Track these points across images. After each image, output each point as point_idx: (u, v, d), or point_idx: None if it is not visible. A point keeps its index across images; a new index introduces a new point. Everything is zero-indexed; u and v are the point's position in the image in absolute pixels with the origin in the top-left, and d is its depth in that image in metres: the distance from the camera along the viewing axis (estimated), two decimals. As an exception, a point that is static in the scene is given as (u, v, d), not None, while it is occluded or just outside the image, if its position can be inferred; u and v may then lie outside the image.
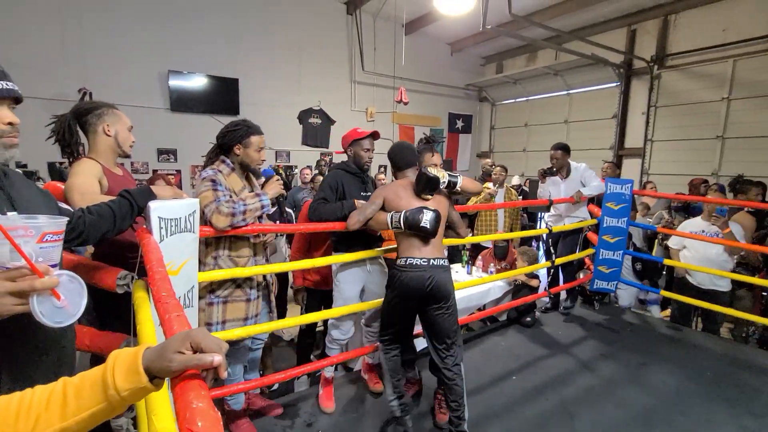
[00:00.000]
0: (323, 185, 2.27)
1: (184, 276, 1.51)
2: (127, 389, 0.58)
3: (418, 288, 1.90)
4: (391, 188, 2.11)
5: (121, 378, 0.58)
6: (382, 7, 7.22)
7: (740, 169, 5.58)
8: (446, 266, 2.00)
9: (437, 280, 1.92)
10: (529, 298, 3.49)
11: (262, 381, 2.08)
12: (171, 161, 6.18)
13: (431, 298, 1.94)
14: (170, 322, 0.79)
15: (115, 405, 0.58)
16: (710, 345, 3.07)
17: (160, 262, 1.16)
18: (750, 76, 5.68)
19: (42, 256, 0.74)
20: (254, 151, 1.92)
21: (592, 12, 6.82)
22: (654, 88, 6.73)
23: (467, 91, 9.67)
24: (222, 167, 1.90)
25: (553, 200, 3.44)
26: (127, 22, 5.59)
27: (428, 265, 1.93)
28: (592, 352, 2.95)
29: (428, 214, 1.91)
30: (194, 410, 0.52)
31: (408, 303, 1.97)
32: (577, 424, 2.14)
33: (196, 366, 0.59)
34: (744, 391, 2.43)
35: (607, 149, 7.38)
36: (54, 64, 5.18)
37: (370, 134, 2.29)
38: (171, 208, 1.42)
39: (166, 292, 0.94)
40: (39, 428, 0.56)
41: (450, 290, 1.98)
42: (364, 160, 2.29)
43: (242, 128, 1.91)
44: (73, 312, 0.74)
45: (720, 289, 3.14)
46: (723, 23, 5.87)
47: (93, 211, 1.22)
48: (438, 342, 1.97)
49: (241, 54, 6.51)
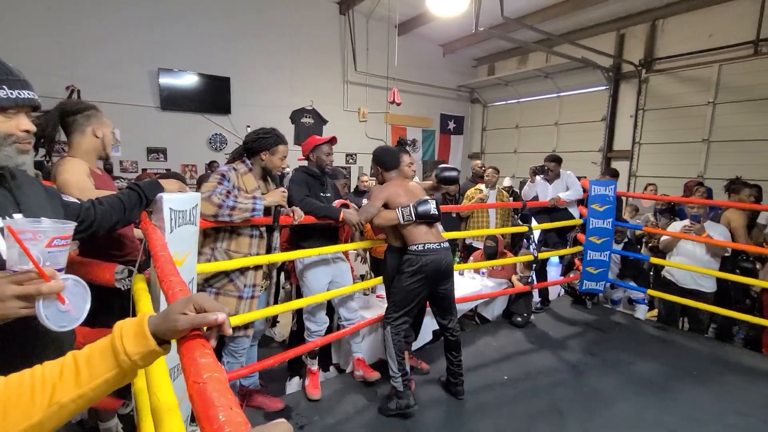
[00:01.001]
0: (297, 184, 2.37)
1: (186, 267, 1.53)
2: (138, 353, 0.60)
3: (437, 269, 2.23)
4: (390, 188, 2.37)
5: (131, 343, 0.60)
6: (375, 8, 7.23)
7: (725, 172, 5.70)
8: (449, 248, 2.35)
9: (449, 261, 2.29)
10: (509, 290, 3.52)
11: (252, 368, 2.10)
12: (161, 160, 6.10)
13: (445, 276, 2.29)
14: (175, 297, 0.81)
15: (127, 370, 0.60)
16: (696, 345, 3.13)
17: (164, 248, 1.19)
18: (735, 81, 5.81)
19: (49, 260, 0.75)
20: (279, 159, 2.09)
21: (582, 16, 6.91)
22: (642, 91, 6.84)
23: (459, 93, 9.72)
24: (240, 166, 2.04)
25: (526, 203, 3.72)
26: (117, 18, 5.51)
27: (440, 248, 2.26)
28: (582, 352, 2.99)
29: (432, 204, 2.26)
30: (200, 365, 0.54)
31: (428, 283, 2.25)
32: (566, 422, 2.17)
33: (201, 324, 0.62)
34: (729, 391, 2.48)
35: (596, 151, 7.48)
36: (41, 60, 5.07)
37: (329, 140, 2.45)
38: (180, 201, 1.45)
39: (170, 272, 0.97)
40: (57, 397, 0.57)
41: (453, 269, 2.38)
42: (326, 162, 2.44)
43: (272, 137, 2.05)
44: (76, 316, 0.75)
45: (703, 290, 3.19)
46: (709, 29, 5.99)
47: (104, 202, 1.24)
48: (446, 313, 2.38)
49: (232, 52, 6.46)
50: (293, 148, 7.23)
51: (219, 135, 6.55)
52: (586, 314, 3.74)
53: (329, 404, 2.33)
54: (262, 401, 2.27)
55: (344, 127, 7.53)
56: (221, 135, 6.57)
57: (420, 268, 2.21)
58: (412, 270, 2.22)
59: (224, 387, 0.52)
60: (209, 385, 0.51)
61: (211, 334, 0.64)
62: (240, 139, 6.68)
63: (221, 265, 1.92)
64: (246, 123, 6.66)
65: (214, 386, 0.51)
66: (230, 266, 1.94)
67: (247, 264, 2.00)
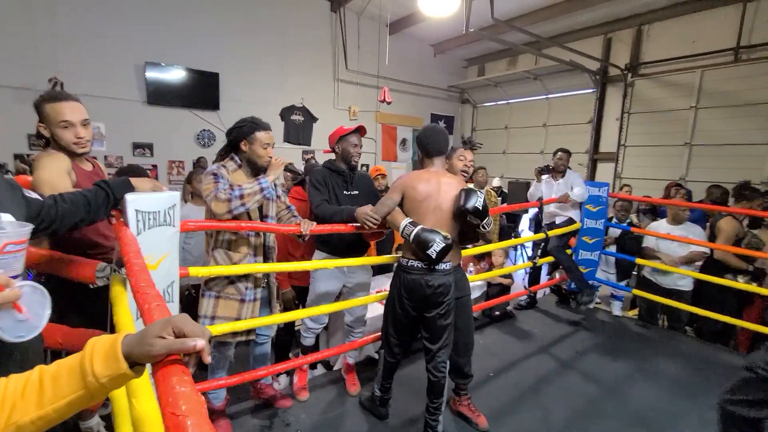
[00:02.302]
0: (313, 185, 2.25)
1: (162, 271, 1.48)
2: (106, 376, 0.56)
3: (419, 294, 1.90)
4: (410, 180, 1.96)
5: (100, 364, 0.57)
6: (366, 6, 7.22)
7: (706, 175, 5.87)
8: (449, 271, 1.93)
9: (438, 285, 1.88)
10: (509, 297, 3.58)
11: (242, 377, 2.06)
12: (147, 156, 5.99)
13: (431, 304, 1.91)
14: (150, 312, 0.77)
15: (94, 392, 0.57)
16: (675, 342, 3.23)
17: (138, 255, 1.13)
18: (716, 87, 5.97)
19: (2, 267, 0.70)
20: (260, 147, 1.92)
21: (571, 19, 7.01)
22: (628, 95, 6.98)
23: (450, 93, 9.78)
24: (229, 164, 1.93)
25: (543, 200, 3.58)
26: (102, 9, 5.39)
27: (428, 268, 1.88)
28: (567, 350, 3.05)
29: (439, 244, 1.78)
30: (177, 394, 0.51)
31: (410, 306, 1.93)
32: (552, 419, 2.21)
33: (178, 350, 0.58)
34: (706, 387, 2.56)
35: (583, 153, 7.61)
36: (22, 51, 4.94)
37: (356, 129, 2.28)
38: (149, 201, 1.38)
39: (145, 282, 0.92)
40: (15, 416, 0.54)
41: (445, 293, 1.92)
42: (352, 155, 2.26)
43: (247, 124, 1.92)
44: (36, 324, 0.71)
45: (682, 288, 3.32)
46: (692, 35, 6.14)
47: (66, 200, 1.16)
48: (433, 341, 1.96)
49: (222, 47, 6.38)
50: (284, 146, 7.22)
51: (207, 131, 6.47)
52: (571, 313, 3.81)
53: (316, 402, 2.33)
54: (272, 396, 2.27)
55: (334, 125, 7.47)
56: (210, 131, 6.49)
57: (400, 287, 1.94)
58: (394, 286, 1.98)
59: (205, 422, 0.49)
60: (190, 419, 0.48)
61: (189, 361, 0.59)
62: (228, 135, 6.61)
63: (215, 270, 1.85)
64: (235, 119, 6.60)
65: (194, 420, 0.48)
66: (228, 271, 1.87)
67: (250, 271, 1.93)
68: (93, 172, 1.72)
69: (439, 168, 2.02)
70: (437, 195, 1.93)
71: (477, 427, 2.12)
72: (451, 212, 1.92)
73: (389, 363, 2.10)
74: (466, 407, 2.19)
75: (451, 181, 1.98)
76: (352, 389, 2.41)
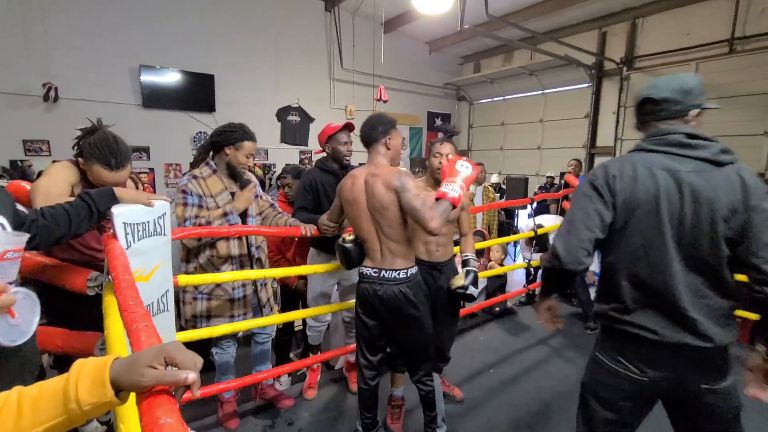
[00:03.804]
0: (299, 189, 2.24)
1: (156, 281, 1.46)
2: (90, 403, 0.54)
3: (371, 305, 1.73)
4: (342, 181, 1.81)
5: (85, 391, 0.54)
6: (361, 5, 7.21)
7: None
8: (410, 279, 1.71)
9: (393, 295, 1.68)
10: (508, 295, 3.59)
11: (243, 380, 2.06)
12: (143, 159, 5.98)
13: (393, 318, 1.72)
14: (137, 332, 0.75)
15: (74, 419, 0.54)
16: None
17: (127, 269, 1.11)
18: (710, 79, 5.98)
19: (0, 273, 0.71)
20: (243, 156, 1.97)
21: (565, 14, 7.01)
22: (623, 88, 6.99)
23: (446, 90, 9.78)
24: (203, 170, 1.94)
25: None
26: (96, 13, 5.37)
27: (380, 276, 1.70)
28: (566, 344, 3.06)
29: (339, 249, 1.81)
30: (163, 426, 0.49)
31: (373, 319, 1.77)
32: (551, 413, 2.22)
33: (169, 382, 0.55)
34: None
35: (580, 148, 7.62)
36: (16, 56, 4.92)
37: (344, 126, 2.23)
38: (137, 213, 1.34)
39: (132, 300, 0.90)
40: None
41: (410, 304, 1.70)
42: (343, 154, 2.21)
43: (239, 131, 1.97)
44: (26, 330, 0.72)
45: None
46: (686, 28, 6.15)
47: (47, 215, 1.12)
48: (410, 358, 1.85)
49: (216, 49, 6.36)
50: (281, 147, 7.21)
51: (203, 133, 6.45)
52: (571, 308, 3.82)
53: (318, 401, 2.33)
54: (274, 396, 2.27)
55: (331, 124, 7.50)
56: (206, 133, 6.47)
57: (357, 297, 1.79)
58: (356, 297, 1.82)
59: None
60: None
61: (177, 392, 0.56)
62: (225, 137, 6.60)
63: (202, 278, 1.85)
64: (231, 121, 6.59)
65: None
66: (217, 279, 1.88)
67: (240, 278, 1.96)
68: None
69: (373, 160, 1.75)
70: (362, 196, 1.70)
71: (454, 399, 2.31)
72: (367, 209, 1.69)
73: (362, 391, 1.86)
74: (443, 384, 2.30)
75: (377, 172, 1.69)
76: (354, 387, 2.41)
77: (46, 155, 5.13)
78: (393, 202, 1.63)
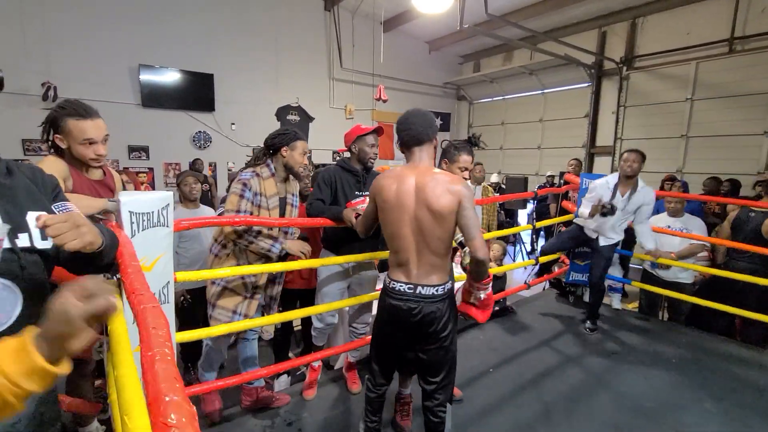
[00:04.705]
0: (318, 182, 2.27)
1: (157, 272, 1.47)
2: (20, 372, 0.50)
3: (399, 321, 1.58)
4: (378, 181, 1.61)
5: (11, 363, 0.50)
6: (360, 5, 7.20)
7: (703, 167, 5.89)
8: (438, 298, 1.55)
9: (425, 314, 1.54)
10: (508, 293, 3.58)
11: (242, 377, 2.06)
12: (143, 159, 5.98)
13: (418, 337, 1.58)
14: (145, 313, 0.76)
15: (6, 395, 0.50)
16: (675, 334, 3.23)
17: (133, 257, 1.12)
18: (711, 78, 5.98)
19: None
20: (299, 155, 2.09)
21: (565, 13, 7.01)
22: (623, 88, 6.99)
23: (445, 90, 9.78)
24: (263, 171, 2.05)
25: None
26: (95, 12, 5.36)
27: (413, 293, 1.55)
28: (567, 343, 3.05)
29: None
30: (167, 403, 0.49)
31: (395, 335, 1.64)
32: (552, 413, 2.22)
33: (97, 310, 0.54)
34: (706, 377, 2.57)
35: (580, 147, 7.62)
36: (14, 55, 4.91)
37: (374, 130, 2.25)
38: (142, 202, 1.37)
39: (140, 284, 0.91)
40: None
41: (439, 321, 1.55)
42: (369, 155, 2.23)
43: (291, 133, 2.08)
44: (3, 321, 0.71)
45: (683, 281, 3.33)
46: (686, 27, 6.15)
47: None
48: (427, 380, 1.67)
49: (216, 48, 6.36)
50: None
51: (203, 133, 6.45)
52: (570, 306, 3.81)
53: (318, 401, 2.32)
54: (269, 396, 2.27)
55: (331, 124, 7.51)
56: (205, 132, 6.47)
57: (382, 310, 1.64)
58: (379, 309, 1.68)
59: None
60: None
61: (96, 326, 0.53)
62: (225, 136, 6.59)
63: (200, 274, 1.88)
64: (230, 120, 6.60)
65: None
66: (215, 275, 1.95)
67: (238, 273, 1.98)
68: (101, 182, 1.70)
69: (421, 162, 1.55)
70: (410, 199, 1.50)
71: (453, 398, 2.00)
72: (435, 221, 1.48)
73: (370, 397, 1.76)
74: None
75: (436, 176, 1.50)
76: (354, 387, 2.41)
77: (45, 155, 5.12)
78: (452, 213, 1.46)
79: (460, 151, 1.97)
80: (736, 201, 3.28)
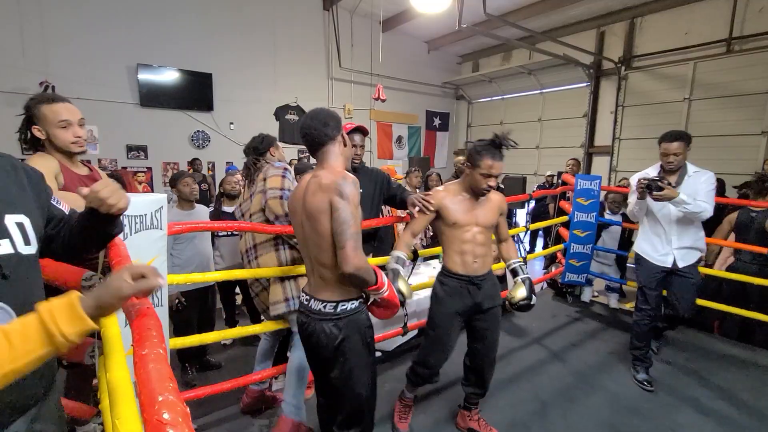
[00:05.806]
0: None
1: None
2: (74, 332, 0.63)
3: None
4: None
5: (67, 325, 0.63)
6: (359, 4, 7.20)
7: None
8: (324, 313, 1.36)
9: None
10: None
11: (246, 379, 2.07)
12: (141, 158, 5.97)
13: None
14: (137, 316, 0.76)
15: (61, 347, 0.64)
16: (673, 333, 3.24)
17: (127, 259, 1.12)
18: (708, 78, 5.99)
19: None
20: (281, 151, 2.27)
21: (563, 14, 7.01)
22: (621, 88, 6.99)
23: (444, 89, 9.78)
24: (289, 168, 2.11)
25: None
26: (93, 11, 5.35)
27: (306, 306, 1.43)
28: (563, 343, 3.07)
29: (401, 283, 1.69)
30: (161, 403, 0.51)
31: None
32: (548, 412, 2.23)
33: (146, 290, 0.70)
34: (703, 376, 2.58)
35: (578, 147, 7.63)
36: (11, 55, 4.90)
37: (357, 128, 2.14)
38: (135, 205, 1.36)
39: None
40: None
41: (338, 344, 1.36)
42: (354, 155, 2.16)
43: (265, 135, 2.23)
44: None
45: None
46: (685, 27, 6.16)
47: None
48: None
49: (214, 48, 6.35)
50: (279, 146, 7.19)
51: (201, 132, 6.45)
52: (567, 306, 3.83)
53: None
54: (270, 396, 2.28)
55: (329, 123, 7.49)
56: (204, 132, 6.46)
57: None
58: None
59: None
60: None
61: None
62: (223, 136, 6.58)
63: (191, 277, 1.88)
64: (229, 120, 6.59)
65: None
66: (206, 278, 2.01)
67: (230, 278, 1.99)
68: (89, 176, 1.70)
69: (325, 163, 1.40)
70: (299, 204, 1.39)
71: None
72: None
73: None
74: (476, 422, 2.00)
75: (320, 173, 1.36)
76: None
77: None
78: (324, 214, 1.27)
79: (482, 154, 1.67)
80: (736, 201, 3.29)
